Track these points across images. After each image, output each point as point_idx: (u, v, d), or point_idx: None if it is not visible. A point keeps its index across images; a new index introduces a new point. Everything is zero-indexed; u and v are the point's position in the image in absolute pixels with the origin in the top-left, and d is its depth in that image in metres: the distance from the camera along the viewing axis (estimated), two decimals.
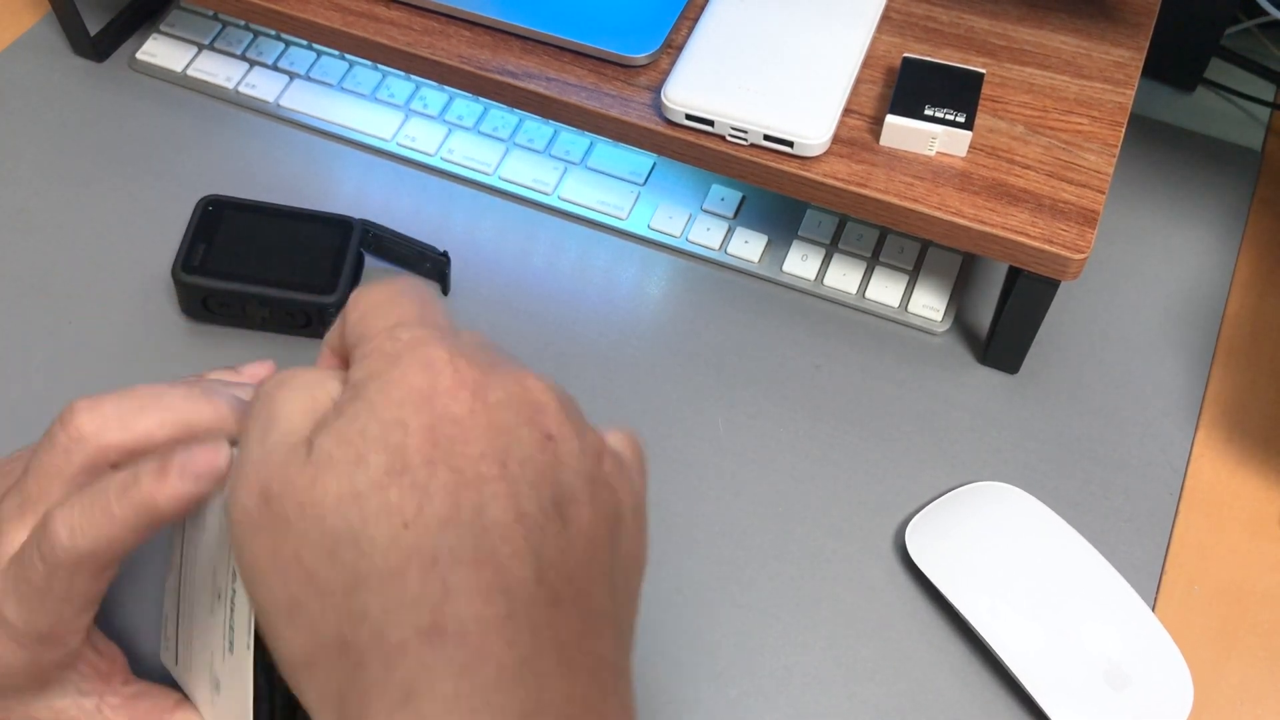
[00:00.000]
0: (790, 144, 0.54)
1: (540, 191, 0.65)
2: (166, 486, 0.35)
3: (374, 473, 0.30)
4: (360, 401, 0.31)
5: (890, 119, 0.54)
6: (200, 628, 0.39)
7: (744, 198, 0.64)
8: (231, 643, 0.37)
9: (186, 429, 0.38)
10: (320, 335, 0.59)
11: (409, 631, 0.29)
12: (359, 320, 0.35)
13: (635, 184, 0.65)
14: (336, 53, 0.70)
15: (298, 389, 0.33)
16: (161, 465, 0.35)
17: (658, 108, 0.56)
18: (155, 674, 0.43)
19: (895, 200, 0.53)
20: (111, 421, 0.38)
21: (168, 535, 0.41)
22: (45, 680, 0.38)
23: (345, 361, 0.35)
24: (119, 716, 0.40)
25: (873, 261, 0.62)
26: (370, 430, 0.31)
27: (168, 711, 0.41)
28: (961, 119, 0.54)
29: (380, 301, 0.35)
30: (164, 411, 0.38)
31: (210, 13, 0.72)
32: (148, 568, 0.48)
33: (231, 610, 0.37)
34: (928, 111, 0.54)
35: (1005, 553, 0.51)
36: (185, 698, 0.41)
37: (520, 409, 0.32)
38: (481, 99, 0.67)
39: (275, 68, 0.70)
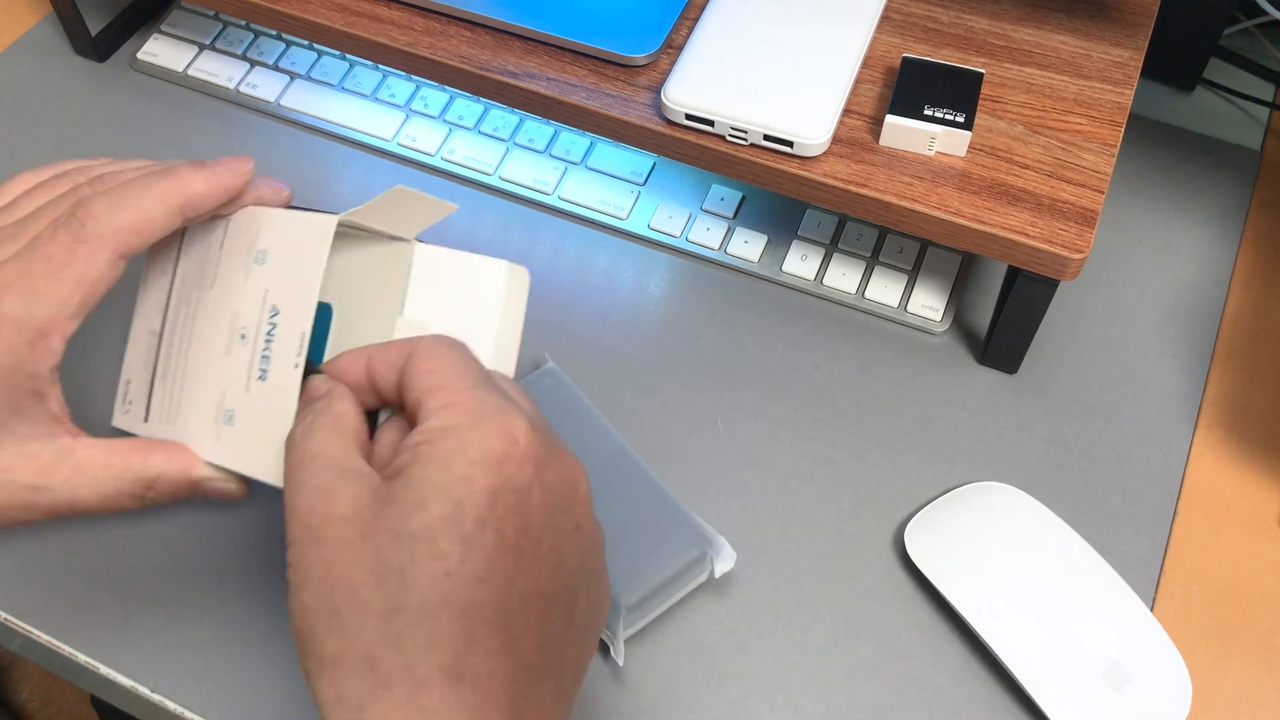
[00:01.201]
0: (790, 144, 0.54)
1: (540, 191, 0.65)
2: (204, 173, 0.41)
3: (431, 518, 0.34)
4: (435, 450, 0.35)
5: (890, 119, 0.54)
6: (201, 374, 0.42)
7: (744, 198, 0.64)
8: (264, 371, 0.41)
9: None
10: None
11: (434, 669, 0.33)
12: (434, 371, 0.37)
13: (635, 184, 0.65)
14: (337, 53, 0.70)
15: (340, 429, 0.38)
16: (197, 162, 0.41)
17: (658, 108, 0.56)
18: None
19: (895, 200, 0.53)
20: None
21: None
22: (18, 407, 0.39)
23: (380, 397, 0.39)
24: (96, 453, 0.40)
25: (872, 261, 0.62)
26: (438, 480, 0.34)
27: (150, 449, 0.41)
28: (961, 119, 0.54)
29: (457, 359, 0.38)
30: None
31: (211, 13, 0.72)
32: None
33: (267, 342, 0.41)
34: (927, 111, 0.54)
35: (1004, 553, 0.51)
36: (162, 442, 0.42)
37: (565, 495, 0.37)
38: (482, 99, 0.67)
39: (276, 68, 0.70)
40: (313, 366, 0.41)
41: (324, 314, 0.43)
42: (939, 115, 0.54)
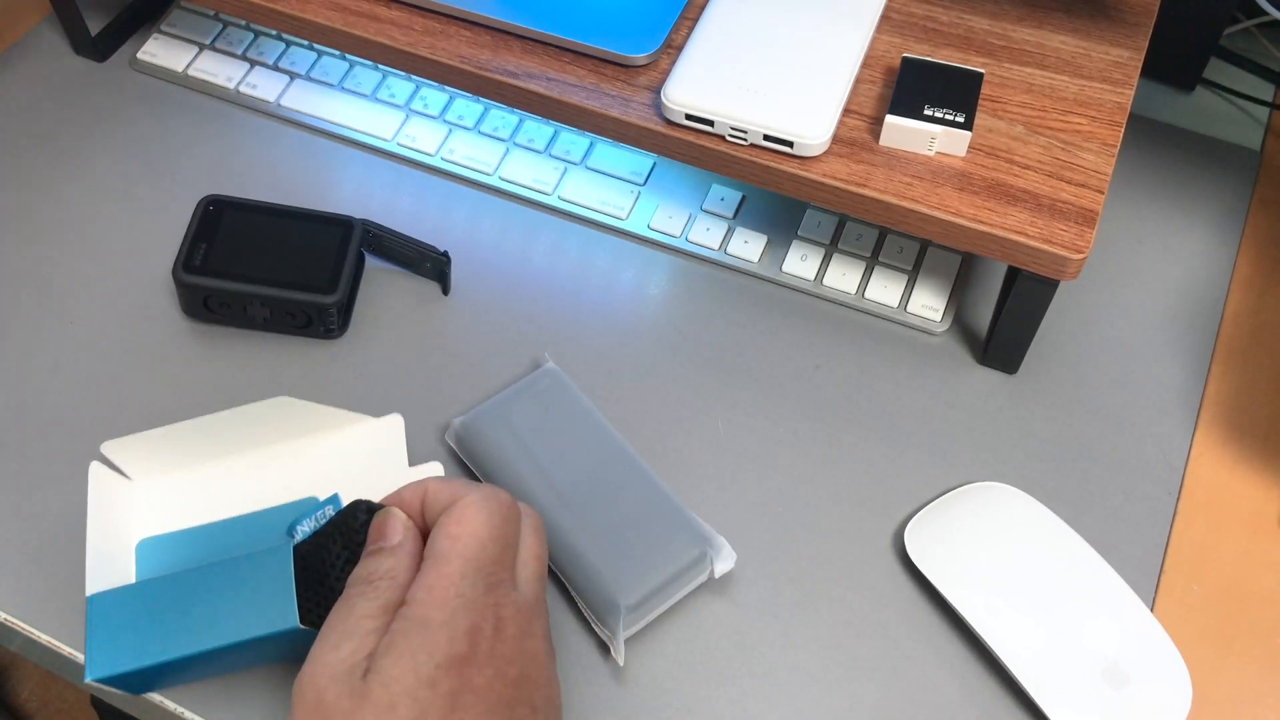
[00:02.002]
0: (790, 144, 0.54)
1: (540, 191, 0.65)
2: None
3: None
4: (408, 644, 0.38)
5: (890, 119, 0.54)
6: None
7: (744, 198, 0.64)
8: None
9: None
10: (321, 335, 0.59)
11: None
12: (451, 538, 0.41)
13: (635, 184, 0.65)
14: (337, 53, 0.70)
15: (373, 599, 0.41)
16: None
17: (658, 108, 0.56)
18: None
19: (894, 200, 0.53)
20: None
21: None
22: None
23: (423, 528, 0.43)
24: None
25: (872, 261, 0.62)
26: (406, 680, 0.37)
27: None
28: (961, 119, 0.54)
29: (477, 533, 0.41)
30: None
31: (211, 13, 0.72)
32: None
33: None
34: (927, 111, 0.54)
35: (1004, 553, 0.51)
36: None
37: (523, 687, 0.40)
38: (482, 99, 0.67)
39: (276, 68, 0.70)
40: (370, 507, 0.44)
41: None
42: (939, 115, 0.54)
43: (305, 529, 0.47)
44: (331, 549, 0.44)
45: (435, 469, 0.51)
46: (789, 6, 0.58)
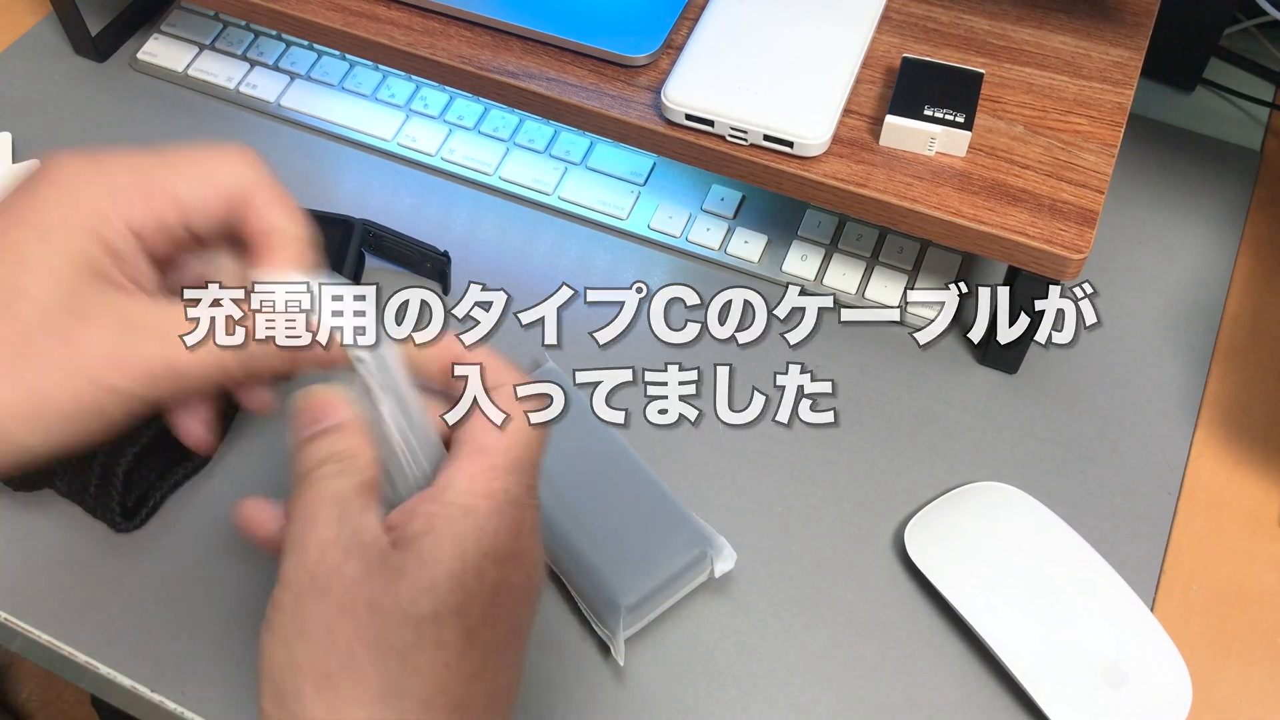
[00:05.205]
0: (790, 144, 0.54)
1: (540, 191, 0.65)
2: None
3: (441, 605, 0.34)
4: (452, 529, 0.35)
5: (890, 119, 0.54)
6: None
7: (744, 198, 0.64)
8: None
9: None
10: None
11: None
12: (491, 434, 0.37)
13: (635, 184, 0.65)
14: (337, 53, 0.70)
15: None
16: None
17: (658, 108, 0.56)
18: None
19: (894, 200, 0.53)
20: None
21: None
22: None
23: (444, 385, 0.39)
24: None
25: (872, 261, 0.62)
26: (451, 565, 0.34)
27: None
28: (961, 119, 0.54)
29: (521, 430, 0.38)
30: None
31: (211, 13, 0.72)
32: None
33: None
34: (927, 112, 0.54)
35: (1004, 553, 0.51)
36: None
37: (535, 593, 0.38)
38: (482, 99, 0.67)
39: (276, 68, 0.70)
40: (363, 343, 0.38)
41: None
42: (939, 115, 0.54)
43: None
44: None
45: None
46: (789, 6, 0.58)
